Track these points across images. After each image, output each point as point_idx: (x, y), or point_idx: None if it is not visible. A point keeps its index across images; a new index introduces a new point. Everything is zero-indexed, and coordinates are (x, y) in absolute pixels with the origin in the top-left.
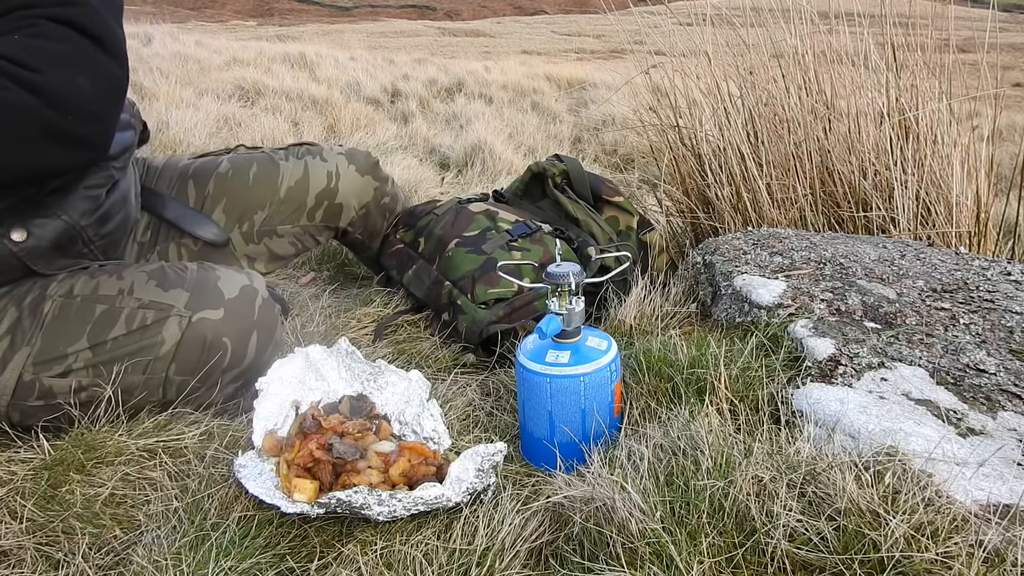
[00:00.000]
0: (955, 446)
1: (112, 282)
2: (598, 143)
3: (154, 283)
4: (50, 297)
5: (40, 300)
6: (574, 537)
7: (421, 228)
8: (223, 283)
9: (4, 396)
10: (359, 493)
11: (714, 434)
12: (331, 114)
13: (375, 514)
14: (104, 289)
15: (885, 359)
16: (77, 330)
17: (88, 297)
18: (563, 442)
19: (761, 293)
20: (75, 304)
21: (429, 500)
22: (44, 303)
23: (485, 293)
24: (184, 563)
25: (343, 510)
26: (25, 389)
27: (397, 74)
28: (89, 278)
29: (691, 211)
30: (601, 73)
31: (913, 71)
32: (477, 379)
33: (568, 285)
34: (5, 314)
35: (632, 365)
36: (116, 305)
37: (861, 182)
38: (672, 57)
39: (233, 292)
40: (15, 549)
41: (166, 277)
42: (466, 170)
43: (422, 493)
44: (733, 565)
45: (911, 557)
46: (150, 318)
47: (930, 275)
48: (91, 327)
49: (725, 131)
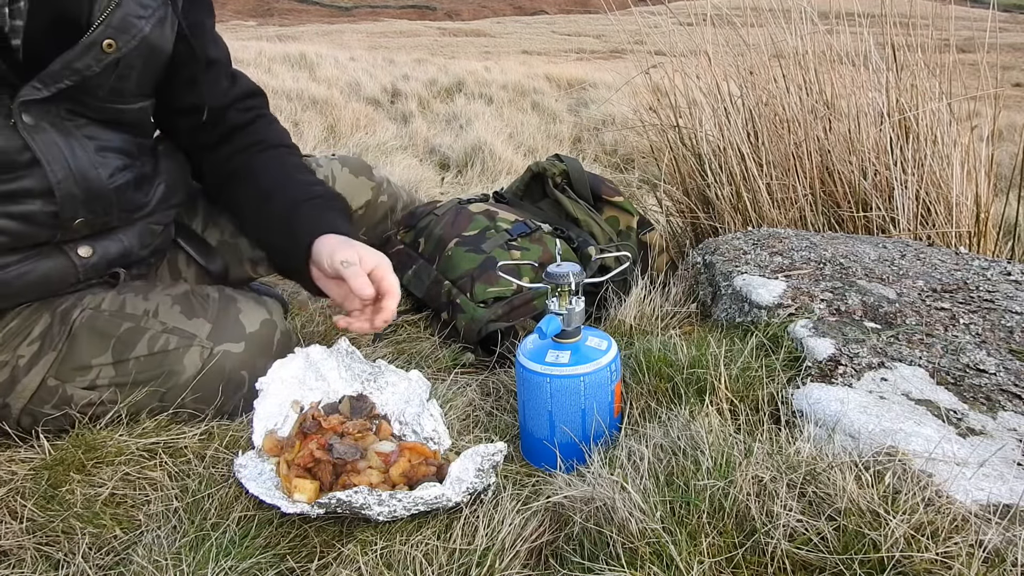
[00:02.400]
0: (955, 446)
1: (138, 302)
2: (598, 143)
3: (178, 308)
4: (80, 307)
5: (71, 309)
6: (574, 537)
7: (421, 228)
8: (245, 316)
9: (22, 398)
10: (359, 493)
11: (714, 434)
12: (331, 114)
13: (375, 514)
14: (130, 307)
15: (885, 359)
16: (102, 343)
17: (115, 313)
18: (563, 442)
19: (761, 293)
20: (102, 317)
21: (429, 500)
22: (74, 311)
23: (484, 292)
24: (184, 563)
25: (343, 510)
26: (46, 393)
27: (397, 74)
28: (116, 294)
29: (691, 211)
30: (601, 73)
31: (913, 71)
32: (477, 379)
33: (568, 285)
34: (39, 320)
35: (632, 365)
36: (141, 325)
37: (861, 182)
38: (672, 57)
39: (254, 326)
40: (15, 549)
41: (190, 305)
42: (466, 170)
43: (422, 493)
44: (733, 565)
45: (911, 557)
46: (172, 343)
47: (930, 275)
48: (115, 341)
49: (725, 131)
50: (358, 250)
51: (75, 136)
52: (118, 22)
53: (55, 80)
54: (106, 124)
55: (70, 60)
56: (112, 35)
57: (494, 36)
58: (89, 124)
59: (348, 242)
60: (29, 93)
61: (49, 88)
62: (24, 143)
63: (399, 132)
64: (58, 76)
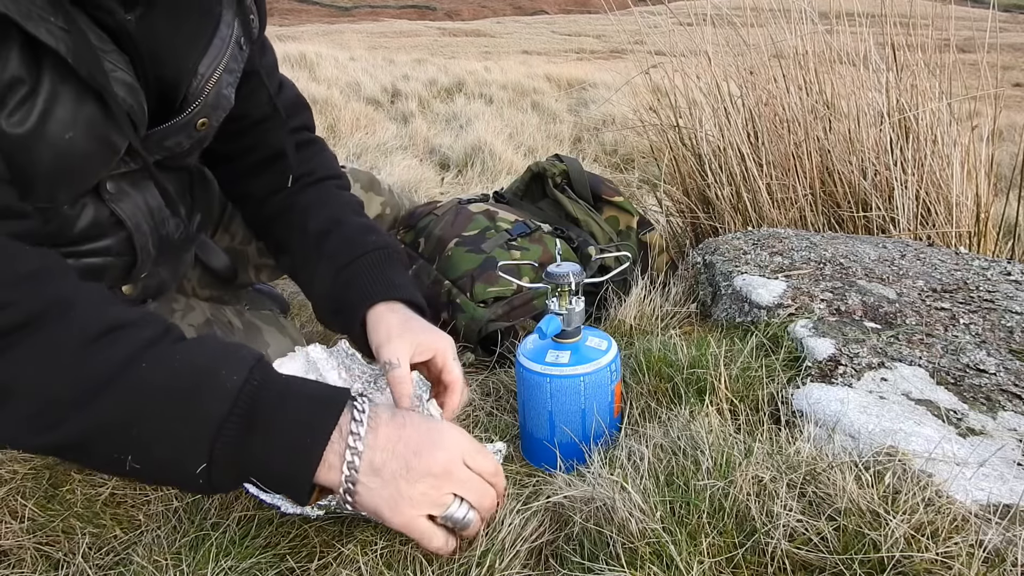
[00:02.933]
0: (955, 446)
1: None
2: (598, 143)
3: None
4: None
5: None
6: (574, 537)
7: (421, 228)
8: (273, 351)
9: None
10: None
11: (714, 434)
12: (331, 114)
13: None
14: None
15: (885, 359)
16: None
17: None
18: (563, 442)
19: (761, 293)
20: None
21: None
22: None
23: (484, 291)
24: (184, 563)
25: (343, 510)
26: None
27: (397, 74)
28: None
29: (691, 211)
30: (601, 73)
31: (913, 71)
32: (477, 379)
33: (568, 285)
34: None
35: (632, 365)
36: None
37: (861, 182)
38: (672, 57)
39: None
40: (15, 549)
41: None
42: (466, 170)
43: None
44: (733, 565)
45: (911, 557)
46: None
47: (930, 275)
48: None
49: (725, 131)
50: (413, 337)
51: (149, 191)
52: (213, 99)
53: (146, 155)
54: (168, 170)
55: (163, 137)
56: (207, 113)
57: (494, 36)
58: (158, 172)
59: (404, 327)
60: (118, 167)
61: (138, 162)
62: (111, 211)
63: (399, 132)
64: (149, 152)
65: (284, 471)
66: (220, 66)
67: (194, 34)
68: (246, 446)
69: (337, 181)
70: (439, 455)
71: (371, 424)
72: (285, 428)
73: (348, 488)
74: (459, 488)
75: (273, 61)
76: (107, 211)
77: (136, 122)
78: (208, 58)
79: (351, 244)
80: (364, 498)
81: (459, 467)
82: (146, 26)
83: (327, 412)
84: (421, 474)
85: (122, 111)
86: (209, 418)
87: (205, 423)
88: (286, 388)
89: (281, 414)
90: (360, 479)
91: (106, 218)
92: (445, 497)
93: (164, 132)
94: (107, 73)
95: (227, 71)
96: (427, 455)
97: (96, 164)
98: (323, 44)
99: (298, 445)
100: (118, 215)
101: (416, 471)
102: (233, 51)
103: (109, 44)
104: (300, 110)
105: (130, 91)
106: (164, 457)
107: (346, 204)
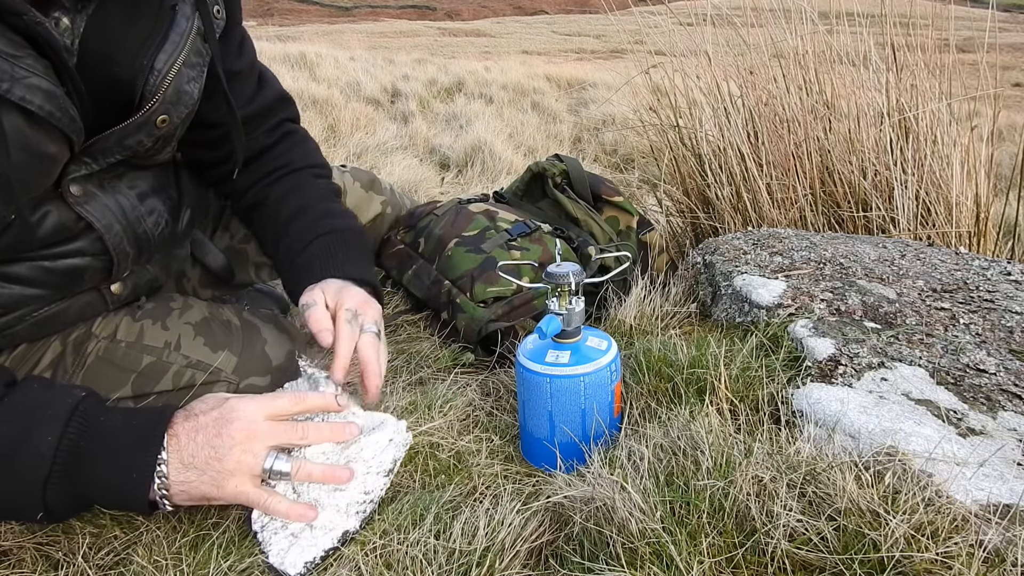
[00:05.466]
0: (955, 446)
1: (157, 331)
2: (598, 143)
3: (201, 340)
4: (95, 337)
5: (85, 338)
6: (574, 537)
7: (421, 228)
8: (270, 348)
9: None
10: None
11: (714, 434)
12: (331, 114)
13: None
14: (149, 339)
15: (885, 359)
16: (122, 378)
17: (133, 344)
18: (563, 442)
19: (761, 293)
20: (120, 350)
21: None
22: (88, 342)
23: (484, 291)
24: (184, 563)
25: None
26: None
27: (397, 74)
28: (132, 321)
29: (691, 211)
30: (601, 73)
31: (913, 71)
32: (477, 379)
33: (568, 285)
34: (49, 347)
35: (632, 365)
36: (163, 359)
37: (861, 182)
38: (672, 57)
39: (279, 359)
40: (15, 549)
41: (212, 335)
42: (466, 170)
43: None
44: (733, 565)
45: (911, 557)
46: (198, 379)
47: (930, 275)
48: (136, 376)
49: (725, 131)
50: (335, 289)
51: (120, 191)
52: (172, 95)
53: (105, 156)
54: (143, 168)
55: (122, 137)
56: (166, 110)
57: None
58: (128, 172)
59: (335, 288)
60: (79, 170)
61: (99, 163)
62: (77, 215)
63: (399, 132)
64: (109, 152)
65: (118, 503)
66: (178, 60)
67: (148, 29)
68: (78, 491)
69: (315, 170)
70: (236, 424)
71: (169, 433)
72: (111, 469)
73: (163, 495)
74: (269, 440)
75: (252, 59)
76: (73, 215)
77: (63, 128)
78: (164, 53)
79: (307, 230)
80: (190, 493)
81: (260, 424)
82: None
83: (149, 444)
84: (228, 448)
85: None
86: (32, 480)
87: (30, 484)
88: (109, 428)
89: (103, 458)
90: (174, 481)
91: (73, 221)
92: (258, 457)
93: (122, 132)
94: (18, 80)
95: (187, 65)
96: (225, 431)
97: (32, 175)
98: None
99: (124, 487)
100: (85, 218)
101: (223, 447)
102: (193, 45)
103: (24, 49)
104: (284, 103)
105: (48, 97)
106: (4, 507)
107: (317, 191)
